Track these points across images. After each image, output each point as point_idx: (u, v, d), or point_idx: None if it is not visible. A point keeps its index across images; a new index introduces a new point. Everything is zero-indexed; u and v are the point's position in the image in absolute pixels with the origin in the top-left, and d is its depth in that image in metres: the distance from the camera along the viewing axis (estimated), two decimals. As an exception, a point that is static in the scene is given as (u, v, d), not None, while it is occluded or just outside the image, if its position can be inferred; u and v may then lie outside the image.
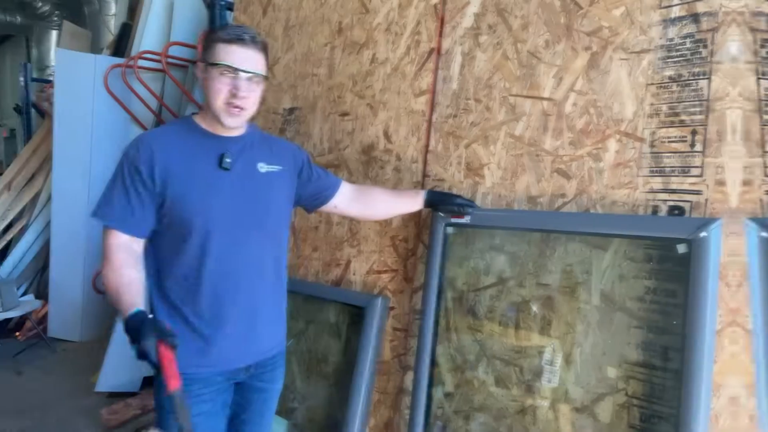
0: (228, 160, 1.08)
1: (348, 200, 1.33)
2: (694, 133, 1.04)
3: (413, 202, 1.36)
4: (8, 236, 4.02)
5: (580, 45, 1.21)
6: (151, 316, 0.95)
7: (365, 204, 1.35)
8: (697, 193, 1.04)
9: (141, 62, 2.94)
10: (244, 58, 1.03)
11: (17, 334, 3.61)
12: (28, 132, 4.60)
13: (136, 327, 0.90)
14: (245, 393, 1.20)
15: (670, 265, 1.05)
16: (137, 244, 1.07)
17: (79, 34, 4.43)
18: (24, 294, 3.84)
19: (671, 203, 1.06)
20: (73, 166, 3.38)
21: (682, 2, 1.07)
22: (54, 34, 5.67)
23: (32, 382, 2.87)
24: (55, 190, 3.49)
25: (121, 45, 3.68)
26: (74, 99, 3.32)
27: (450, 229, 1.37)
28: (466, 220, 1.32)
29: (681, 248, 1.03)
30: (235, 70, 1.02)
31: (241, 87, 1.03)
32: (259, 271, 1.14)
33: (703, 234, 0.99)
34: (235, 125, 1.09)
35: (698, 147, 1.04)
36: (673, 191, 1.06)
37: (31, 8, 5.60)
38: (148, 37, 3.11)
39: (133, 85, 2.97)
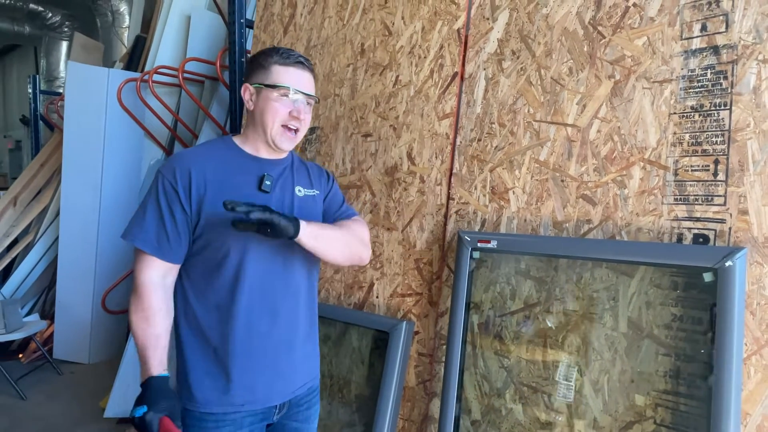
0: (268, 182, 1.14)
1: None
2: (716, 162, 1.17)
3: None
4: (13, 253, 4.26)
5: (604, 73, 1.36)
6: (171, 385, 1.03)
7: None
8: (721, 221, 1.16)
9: (156, 77, 3.19)
10: (304, 80, 1.15)
11: (20, 356, 3.81)
12: (36, 145, 4.91)
13: (156, 393, 0.99)
14: None
15: (695, 292, 1.17)
16: (171, 275, 1.11)
17: (91, 46, 4.77)
18: (28, 314, 4.06)
19: (696, 231, 1.19)
20: (83, 181, 3.61)
21: (702, 35, 1.21)
22: (64, 44, 6.08)
23: (36, 408, 3.00)
24: (64, 206, 3.70)
25: (135, 58, 3.95)
26: (86, 113, 3.58)
27: (476, 254, 1.51)
28: (492, 245, 1.46)
29: (707, 277, 1.14)
30: (296, 92, 1.13)
31: (300, 109, 1.14)
32: (296, 301, 1.19)
33: (729, 263, 1.11)
34: (289, 148, 1.18)
35: (721, 176, 1.16)
36: (698, 219, 1.19)
37: (40, 18, 6.02)
38: (163, 52, 3.36)
39: (147, 100, 3.22)
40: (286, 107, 1.14)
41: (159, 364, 1.04)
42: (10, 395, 3.13)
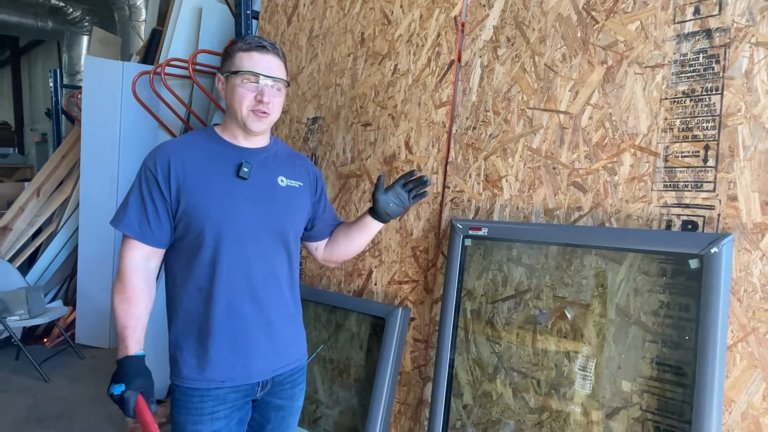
0: (245, 169, 1.18)
1: (330, 245, 1.45)
2: (706, 148, 1.16)
3: (364, 220, 1.40)
4: (37, 242, 4.46)
5: (596, 59, 1.36)
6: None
7: (334, 248, 1.44)
8: (710, 208, 1.15)
9: (169, 69, 3.27)
10: (266, 64, 1.17)
11: (45, 340, 4.01)
12: (58, 138, 5.10)
13: (133, 372, 1.06)
14: (263, 410, 1.29)
15: (683, 279, 1.17)
16: (155, 258, 1.18)
17: (109, 40, 4.91)
18: (52, 300, 4.25)
19: (684, 218, 1.18)
20: (101, 172, 3.75)
21: (695, 18, 1.20)
22: (85, 39, 6.27)
23: (59, 390, 3.15)
24: (83, 196, 3.86)
25: (151, 51, 4.06)
26: (102, 106, 3.70)
27: (468, 241, 1.54)
28: (484, 232, 1.48)
29: (693, 263, 1.15)
30: (258, 75, 1.16)
31: (265, 92, 1.16)
32: (274, 283, 1.23)
33: (714, 250, 1.11)
34: (260, 129, 1.20)
35: (711, 162, 1.16)
36: (687, 206, 1.19)
37: (62, 14, 6.23)
38: (176, 44, 3.45)
39: (160, 92, 3.31)
40: (251, 92, 1.17)
41: (136, 343, 1.11)
42: (35, 377, 3.30)
